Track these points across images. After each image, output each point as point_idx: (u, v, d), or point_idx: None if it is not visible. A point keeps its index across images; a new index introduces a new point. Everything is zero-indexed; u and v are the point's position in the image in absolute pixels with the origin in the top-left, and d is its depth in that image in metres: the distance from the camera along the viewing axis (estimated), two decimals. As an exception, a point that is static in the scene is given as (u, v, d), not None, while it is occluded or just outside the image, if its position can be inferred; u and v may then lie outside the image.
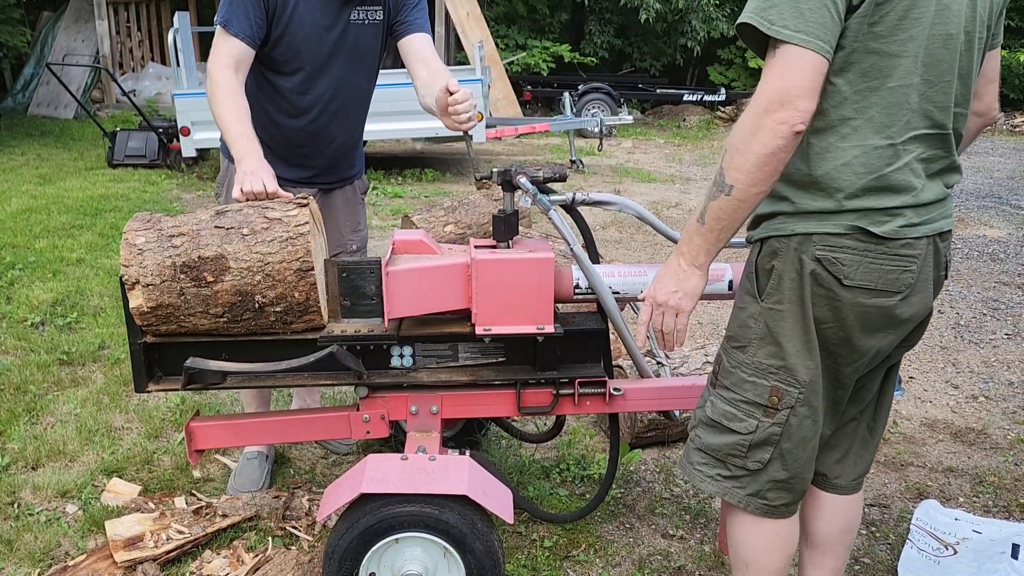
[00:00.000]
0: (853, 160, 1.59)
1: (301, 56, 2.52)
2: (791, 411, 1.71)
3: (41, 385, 3.55)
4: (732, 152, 1.57)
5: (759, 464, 1.76)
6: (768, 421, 1.72)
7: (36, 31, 12.77)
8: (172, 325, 2.05)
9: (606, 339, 2.29)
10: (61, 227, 6.09)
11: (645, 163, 9.99)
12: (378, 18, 2.59)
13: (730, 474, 1.80)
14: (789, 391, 1.70)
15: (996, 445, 3.21)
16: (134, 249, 2.00)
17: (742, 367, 1.75)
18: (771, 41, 1.52)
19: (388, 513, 1.97)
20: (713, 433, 1.80)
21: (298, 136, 2.61)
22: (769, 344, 1.70)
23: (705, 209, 1.63)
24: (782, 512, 1.82)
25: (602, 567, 2.45)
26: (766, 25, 1.50)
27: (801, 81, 1.49)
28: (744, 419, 1.74)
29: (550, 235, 2.70)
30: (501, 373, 2.24)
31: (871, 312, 1.65)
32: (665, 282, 1.75)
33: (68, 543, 2.52)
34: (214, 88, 2.38)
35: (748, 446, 1.75)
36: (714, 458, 1.81)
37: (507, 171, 2.19)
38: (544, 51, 13.56)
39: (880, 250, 1.61)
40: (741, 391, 1.75)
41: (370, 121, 2.86)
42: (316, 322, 2.11)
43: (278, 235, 2.02)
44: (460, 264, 2.12)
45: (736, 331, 1.77)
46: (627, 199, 2.30)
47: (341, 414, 2.30)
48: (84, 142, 10.14)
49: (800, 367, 1.69)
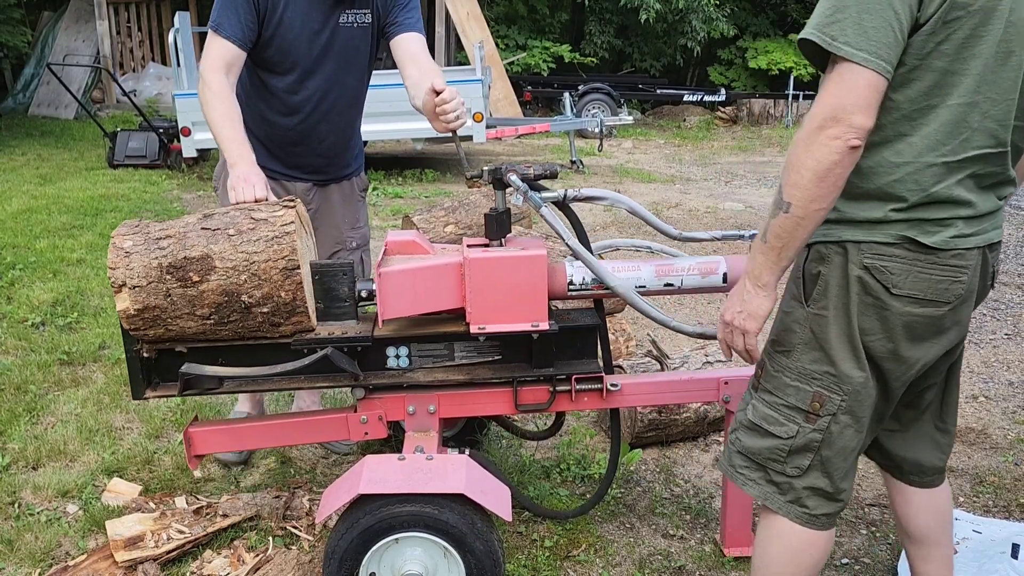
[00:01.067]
0: (906, 176, 1.57)
1: (291, 57, 2.56)
2: (832, 418, 1.70)
3: (42, 385, 3.55)
4: (789, 169, 1.55)
5: (798, 470, 1.75)
6: (808, 427, 1.71)
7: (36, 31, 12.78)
8: (160, 329, 2.05)
9: (603, 334, 2.30)
10: (61, 227, 6.09)
11: (645, 163, 9.99)
12: (366, 21, 2.62)
13: (770, 479, 1.79)
14: (832, 398, 1.69)
15: (996, 445, 3.21)
16: (121, 252, 2.01)
17: (785, 371, 1.74)
18: (831, 56, 1.50)
19: (387, 513, 1.97)
20: (754, 436, 1.79)
21: (290, 134, 2.64)
22: (814, 349, 1.69)
23: (767, 228, 1.62)
24: (821, 523, 1.79)
25: (602, 567, 2.45)
26: (827, 41, 1.49)
27: (857, 99, 1.47)
28: (784, 423, 1.73)
29: (550, 235, 2.70)
30: (497, 371, 2.24)
31: (919, 322, 1.64)
32: (732, 302, 1.74)
33: (69, 543, 2.52)
34: (206, 91, 2.42)
35: (788, 451, 1.74)
36: (755, 462, 1.80)
37: (497, 169, 2.20)
38: (544, 51, 13.57)
39: (930, 260, 1.59)
40: (783, 395, 1.74)
41: (370, 121, 2.87)
42: (304, 324, 2.11)
43: (264, 234, 2.03)
44: (453, 263, 2.12)
45: (780, 335, 1.76)
46: (619, 194, 2.30)
47: (339, 416, 2.30)
48: (85, 142, 10.14)
49: (845, 375, 1.67)
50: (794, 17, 15.21)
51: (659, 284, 2.24)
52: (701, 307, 4.75)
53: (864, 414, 1.72)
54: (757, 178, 9.02)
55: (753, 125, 13.36)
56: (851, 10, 1.47)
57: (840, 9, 1.49)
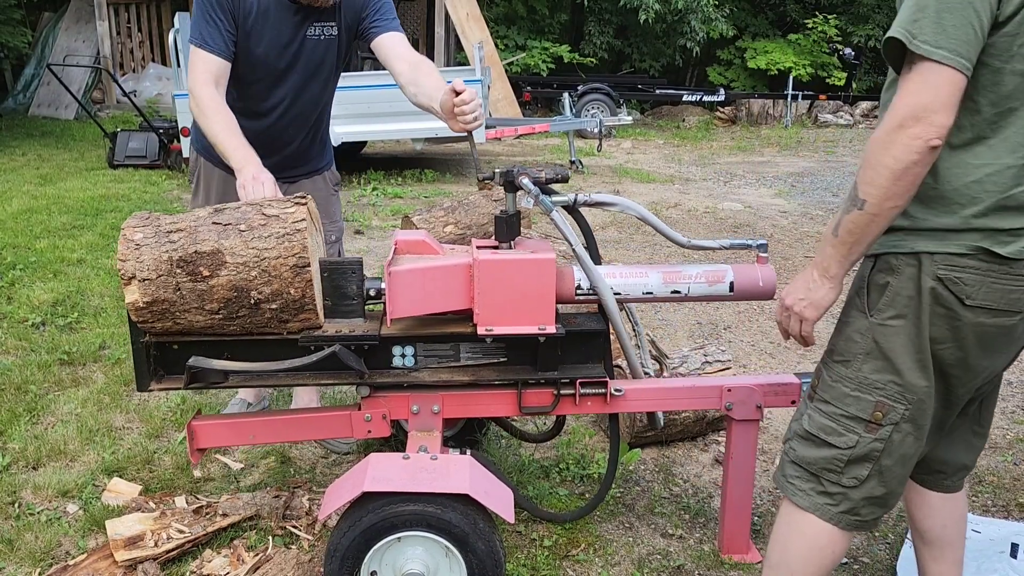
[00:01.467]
0: (984, 178, 1.57)
1: (259, 69, 2.63)
2: (895, 427, 1.70)
3: (42, 385, 3.56)
4: (865, 166, 1.55)
5: (855, 481, 1.75)
6: (869, 437, 1.71)
7: (37, 32, 12.79)
8: (168, 322, 2.05)
9: (607, 339, 2.30)
10: (62, 227, 6.09)
11: (644, 163, 10.00)
12: (333, 34, 2.67)
13: (823, 490, 1.79)
14: (895, 407, 1.69)
15: (995, 445, 3.22)
16: (131, 244, 2.02)
17: (844, 381, 1.74)
18: (908, 55, 1.51)
19: (390, 512, 1.97)
20: (809, 446, 1.79)
21: (258, 137, 2.65)
22: (876, 359, 1.69)
23: (839, 222, 1.63)
24: (869, 526, 1.81)
25: (601, 566, 2.46)
26: (908, 38, 1.49)
27: (938, 97, 1.47)
28: (844, 434, 1.73)
29: (550, 235, 2.70)
30: (502, 373, 2.24)
31: (991, 332, 1.64)
32: (796, 287, 1.75)
33: (69, 542, 2.52)
34: (199, 107, 2.47)
35: (846, 461, 1.74)
36: (808, 472, 1.80)
37: (509, 172, 2.20)
38: (544, 52, 13.59)
39: (1004, 271, 1.59)
40: (842, 405, 1.74)
41: (370, 121, 2.90)
42: (312, 321, 2.11)
43: (275, 231, 2.03)
44: (462, 264, 2.13)
45: (839, 345, 1.76)
46: (629, 200, 2.31)
47: (343, 413, 2.31)
48: (85, 142, 10.15)
49: (911, 384, 1.67)
50: (793, 17, 15.22)
51: (666, 291, 2.25)
52: (701, 307, 4.76)
53: (925, 422, 1.72)
54: (756, 178, 9.03)
55: (752, 125, 13.37)
56: (930, 9, 1.48)
57: (920, 8, 1.49)
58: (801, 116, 13.41)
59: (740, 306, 4.76)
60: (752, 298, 2.30)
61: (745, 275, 2.27)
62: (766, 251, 2.34)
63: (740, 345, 4.21)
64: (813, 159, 10.43)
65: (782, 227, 6.71)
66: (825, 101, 13.33)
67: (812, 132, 12.64)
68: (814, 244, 6.17)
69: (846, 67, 13.34)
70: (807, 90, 13.33)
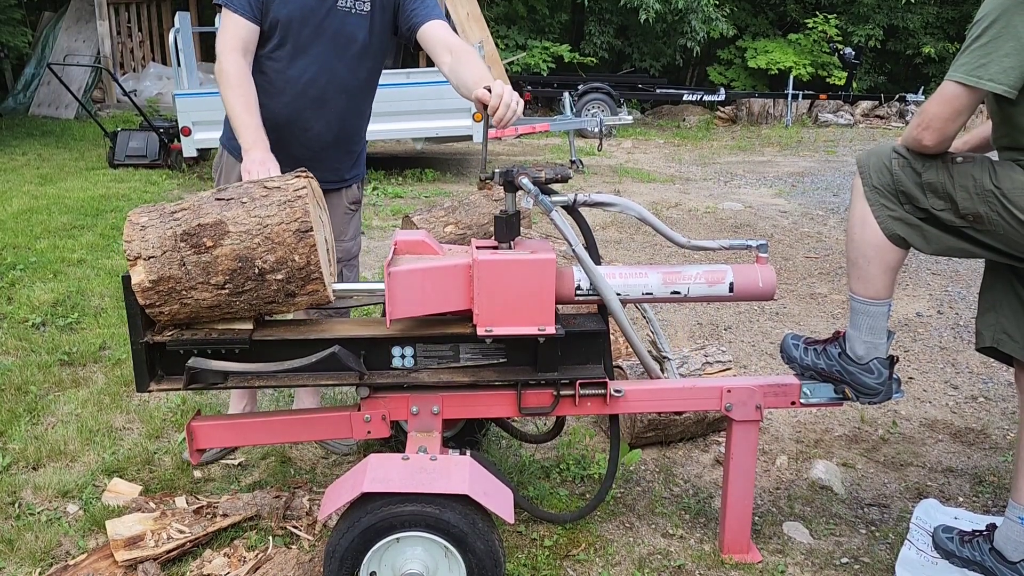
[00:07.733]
0: None
1: (282, 32, 2.54)
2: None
3: (42, 385, 3.56)
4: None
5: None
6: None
7: (37, 31, 12.78)
8: (175, 304, 2.06)
9: (607, 340, 2.30)
10: (62, 227, 6.09)
11: (645, 163, 10.00)
12: (365, 9, 2.59)
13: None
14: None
15: (995, 445, 3.22)
16: (137, 227, 2.05)
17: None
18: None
19: (389, 512, 1.98)
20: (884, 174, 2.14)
21: (274, 118, 2.57)
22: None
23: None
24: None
25: (602, 566, 2.46)
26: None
27: None
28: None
29: (550, 235, 2.70)
30: (502, 374, 2.24)
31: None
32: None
33: (69, 543, 2.52)
34: (223, 75, 2.42)
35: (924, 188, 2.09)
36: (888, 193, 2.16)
37: (509, 172, 2.20)
38: (544, 51, 13.58)
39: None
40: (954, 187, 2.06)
41: (371, 121, 2.86)
42: (320, 293, 2.11)
43: (276, 199, 2.06)
44: (462, 265, 2.13)
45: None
46: (629, 200, 2.31)
47: (343, 414, 2.31)
48: (85, 142, 10.14)
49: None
50: (793, 17, 15.22)
51: (666, 292, 2.25)
52: (701, 307, 4.75)
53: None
54: (756, 178, 9.02)
55: (752, 125, 13.36)
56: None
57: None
58: (801, 116, 13.40)
59: (740, 307, 4.75)
60: (752, 299, 2.30)
61: (745, 276, 2.27)
62: (766, 251, 2.34)
63: (740, 346, 4.21)
64: (813, 159, 10.42)
65: (782, 227, 6.71)
66: (825, 101, 13.32)
67: (812, 132, 12.63)
68: (814, 244, 6.17)
69: (846, 67, 13.31)
70: (807, 90, 13.32)
